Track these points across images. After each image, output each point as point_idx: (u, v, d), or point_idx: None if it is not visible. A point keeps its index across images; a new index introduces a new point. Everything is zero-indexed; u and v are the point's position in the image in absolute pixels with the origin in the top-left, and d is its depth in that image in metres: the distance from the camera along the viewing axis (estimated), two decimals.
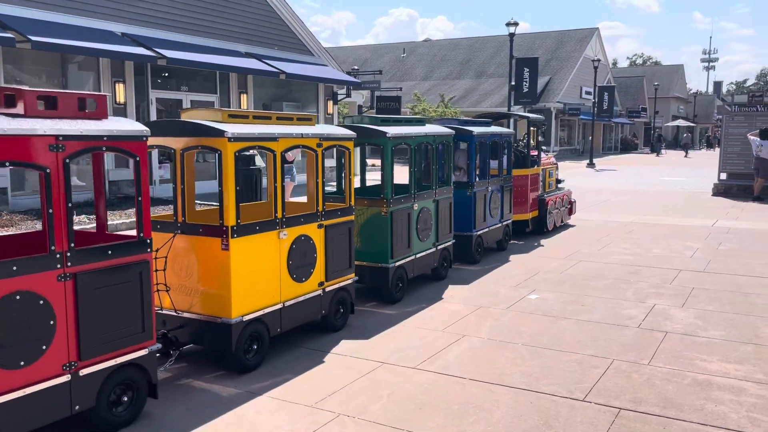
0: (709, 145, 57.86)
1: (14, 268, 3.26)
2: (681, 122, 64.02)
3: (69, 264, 3.49)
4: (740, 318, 5.91)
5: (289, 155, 9.46)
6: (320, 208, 5.36)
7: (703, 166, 27.83)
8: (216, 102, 16.45)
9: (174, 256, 4.61)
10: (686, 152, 45.87)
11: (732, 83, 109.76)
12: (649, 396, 4.20)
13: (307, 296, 5.21)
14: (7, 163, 3.30)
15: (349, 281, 5.73)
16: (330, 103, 20.42)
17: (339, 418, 3.87)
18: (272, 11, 17.95)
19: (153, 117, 14.71)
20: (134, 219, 8.29)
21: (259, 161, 12.22)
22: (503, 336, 5.40)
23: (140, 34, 14.12)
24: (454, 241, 7.78)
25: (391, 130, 6.43)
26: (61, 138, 3.47)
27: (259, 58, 16.89)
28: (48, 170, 3.43)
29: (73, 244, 3.51)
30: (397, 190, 6.63)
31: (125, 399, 3.80)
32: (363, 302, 6.35)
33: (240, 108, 17.01)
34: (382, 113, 28.91)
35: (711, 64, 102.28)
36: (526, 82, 28.72)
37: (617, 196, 16.01)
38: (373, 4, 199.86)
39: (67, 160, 3.50)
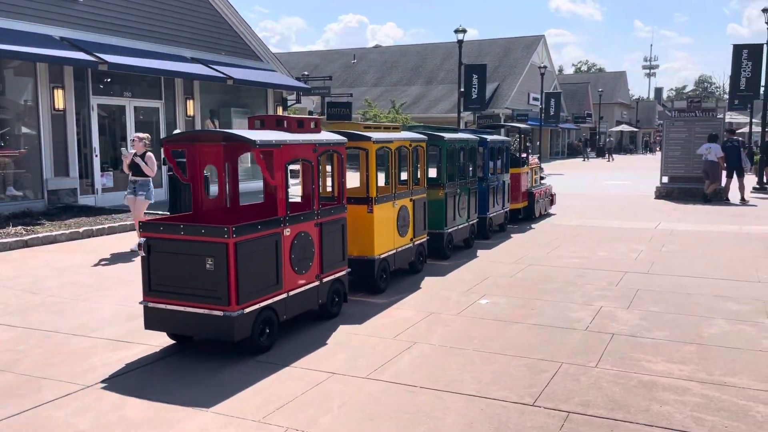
0: (649, 149, 59.68)
1: (301, 218, 5.57)
2: (625, 127, 65.99)
3: (319, 217, 5.81)
4: (683, 318, 6.06)
5: (147, 171, 9.36)
6: (412, 188, 7.76)
7: (644, 169, 28.66)
8: (161, 108, 16.07)
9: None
10: (610, 157, 46.02)
11: (672, 89, 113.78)
12: (596, 398, 4.23)
13: (405, 247, 7.64)
14: (300, 160, 5.65)
15: (425, 239, 8.22)
16: (279, 108, 20.22)
17: None
18: (219, 16, 17.66)
19: (94, 124, 14.26)
20: (73, 230, 8.88)
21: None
22: (454, 342, 5.38)
23: (80, 38, 13.67)
24: (477, 219, 10.16)
25: (447, 135, 9.00)
26: (316, 144, 5.82)
27: (205, 63, 16.59)
28: (312, 163, 5.75)
29: (321, 206, 5.88)
30: (430, 181, 8.72)
31: (336, 299, 6.14)
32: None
33: (187, 114, 16.70)
34: (333, 119, 28.84)
35: (652, 71, 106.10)
36: (475, 88, 29.09)
37: (566, 200, 16.32)
38: (323, 10, 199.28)
39: (319, 158, 5.88)
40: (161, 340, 5.42)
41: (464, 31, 25.16)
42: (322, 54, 55.95)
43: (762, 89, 20.66)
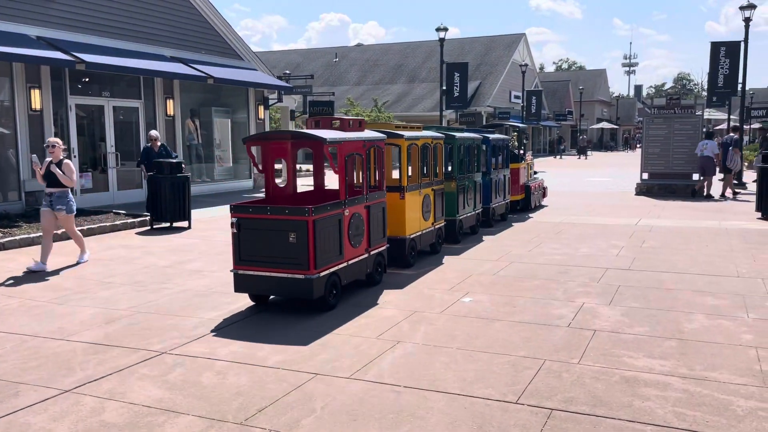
0: (629, 146, 60.05)
1: (356, 201, 6.74)
2: (605, 124, 66.48)
3: (367, 201, 7.00)
4: (663, 314, 6.10)
5: (66, 180, 8.31)
6: (434, 179, 9.07)
7: (620, 166, 28.87)
8: (140, 107, 15.90)
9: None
10: (584, 155, 44.96)
11: (651, 87, 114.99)
12: (579, 395, 4.25)
13: (428, 230, 8.92)
14: (355, 154, 6.80)
15: (443, 224, 9.53)
16: (261, 108, 20.10)
17: None
18: (198, 15, 17.51)
19: (72, 124, 14.08)
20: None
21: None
22: (438, 341, 5.37)
23: (57, 37, 13.49)
24: (482, 209, 11.36)
25: (458, 135, 10.34)
26: (365, 141, 7.04)
27: (185, 62, 16.44)
28: (362, 156, 6.95)
29: (369, 192, 7.06)
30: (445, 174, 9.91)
31: (379, 270, 7.39)
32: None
33: (167, 113, 16.56)
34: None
35: (632, 68, 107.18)
36: (456, 86, 29.12)
37: (549, 197, 16.41)
38: (304, 8, 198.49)
39: (367, 152, 7.07)
40: (140, 342, 5.35)
41: (446, 29, 25.20)
42: (303, 53, 55.73)
43: (740, 86, 20.90)
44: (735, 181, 19.50)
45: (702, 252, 9.20)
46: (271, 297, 6.60)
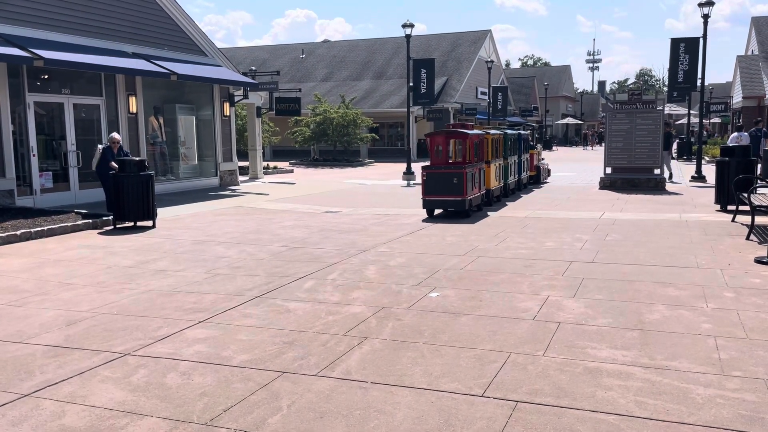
0: (587, 142, 60.63)
1: (476, 164, 13.10)
2: (570, 120, 67.35)
3: (479, 165, 13.38)
4: (626, 305, 6.22)
5: None
6: (498, 157, 15.16)
7: (588, 161, 29.21)
8: (102, 105, 15.59)
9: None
10: None
11: (614, 82, 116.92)
12: (544, 387, 4.30)
13: (498, 186, 15.02)
14: (477, 143, 13.45)
15: (503, 184, 15.54)
16: (226, 104, 19.89)
17: None
18: (161, 10, 17.22)
19: (31, 122, 13.73)
20: (10, 233, 8.65)
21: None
22: (405, 336, 5.39)
23: (14, 33, 13.13)
24: (517, 178, 17.21)
25: (509, 131, 16.54)
26: (479, 135, 13.72)
27: (147, 58, 16.16)
28: (479, 143, 13.55)
29: (479, 161, 13.61)
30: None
31: (482, 203, 13.70)
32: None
33: (130, 111, 16.27)
34: (282, 114, 28.54)
35: (595, 64, 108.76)
36: (423, 82, 29.13)
37: (514, 193, 16.57)
38: (270, 4, 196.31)
39: (481, 141, 13.93)
40: (102, 344, 5.25)
41: (412, 25, 25.21)
42: (269, 49, 55.23)
43: (699, 82, 21.36)
44: (695, 174, 19.97)
45: (663, 244, 9.40)
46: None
